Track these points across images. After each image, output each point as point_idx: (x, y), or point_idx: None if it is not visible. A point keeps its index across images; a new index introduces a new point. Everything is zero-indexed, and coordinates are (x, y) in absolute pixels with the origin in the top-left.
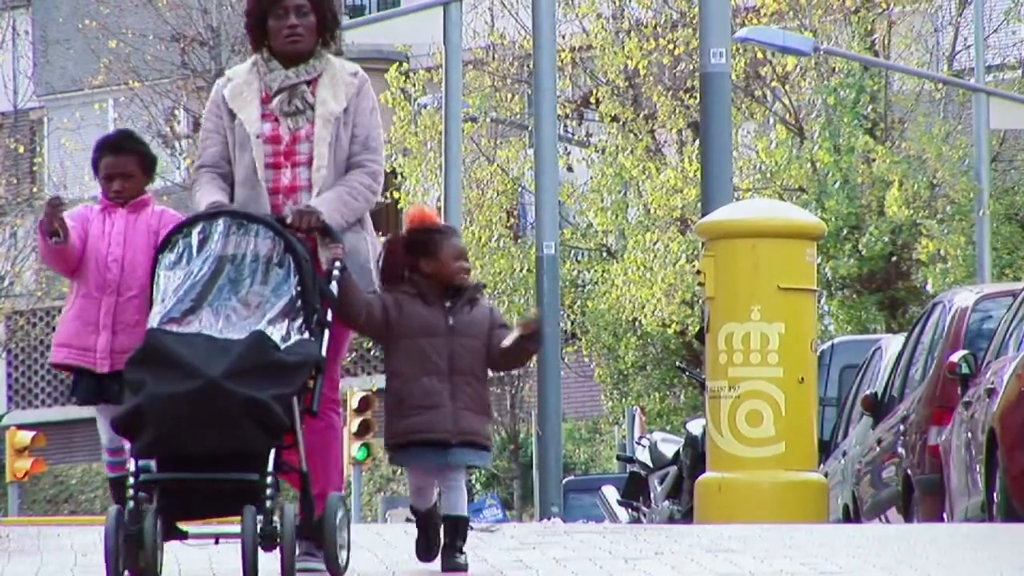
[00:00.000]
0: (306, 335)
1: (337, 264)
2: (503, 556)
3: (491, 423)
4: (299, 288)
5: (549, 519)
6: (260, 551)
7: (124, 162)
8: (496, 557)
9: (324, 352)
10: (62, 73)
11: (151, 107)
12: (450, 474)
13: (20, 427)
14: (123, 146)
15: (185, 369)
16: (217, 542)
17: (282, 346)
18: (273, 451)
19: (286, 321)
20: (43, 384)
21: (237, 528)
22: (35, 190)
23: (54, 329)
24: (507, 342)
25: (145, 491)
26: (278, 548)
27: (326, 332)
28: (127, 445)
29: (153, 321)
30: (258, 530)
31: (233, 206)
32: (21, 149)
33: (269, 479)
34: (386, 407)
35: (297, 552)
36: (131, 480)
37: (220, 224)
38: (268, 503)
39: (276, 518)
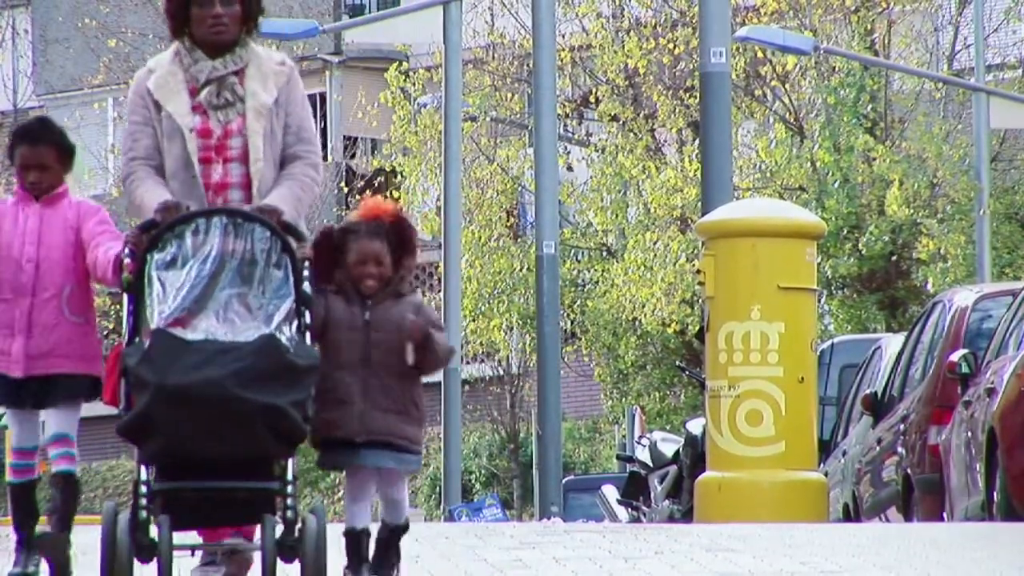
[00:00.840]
0: (304, 338)
1: (307, 265)
2: (503, 555)
3: (417, 425)
4: (295, 291)
5: (549, 518)
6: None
7: (41, 152)
8: (496, 556)
9: None
10: (62, 72)
11: None
12: (363, 478)
13: None
14: (40, 136)
15: (195, 373)
16: (193, 554)
17: (291, 349)
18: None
19: (289, 325)
20: None
21: (230, 540)
22: None
23: None
24: (410, 359)
25: (149, 500)
26: (298, 560)
27: (308, 335)
28: (50, 447)
29: (155, 321)
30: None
31: (238, 204)
32: None
33: (290, 488)
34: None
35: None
36: (142, 489)
37: (217, 223)
38: (290, 513)
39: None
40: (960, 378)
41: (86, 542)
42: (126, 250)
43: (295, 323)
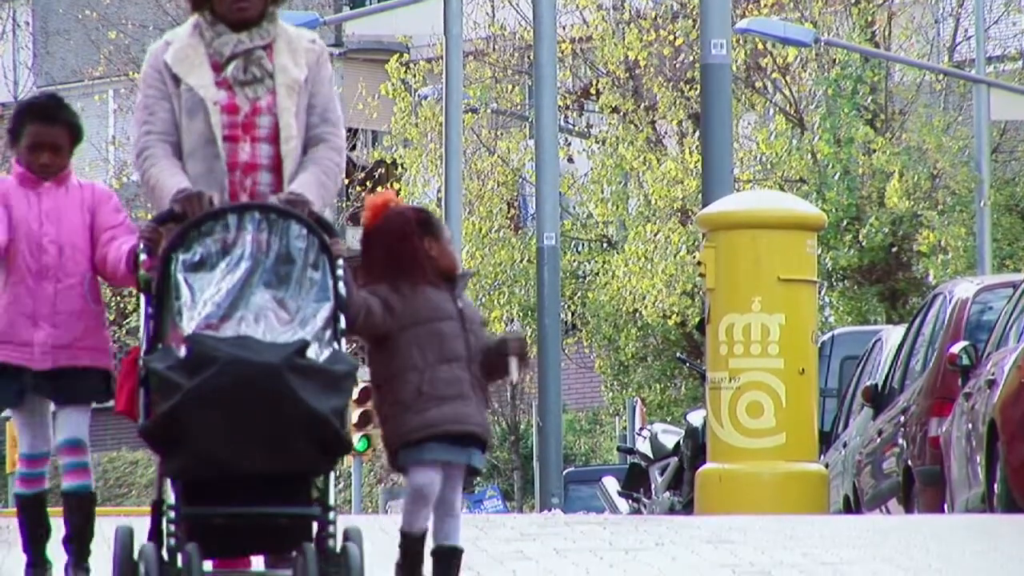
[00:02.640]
0: (340, 344)
1: (340, 263)
2: (504, 547)
3: None
4: (335, 294)
5: (550, 510)
6: None
7: (56, 133)
8: (497, 548)
9: None
10: (62, 64)
11: None
12: (455, 481)
13: None
14: (56, 115)
15: (238, 361)
16: None
17: (324, 355)
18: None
19: (327, 332)
20: None
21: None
22: None
23: None
24: (515, 376)
25: (176, 524)
26: None
27: (343, 342)
28: (60, 454)
29: (189, 327)
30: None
31: (273, 200)
32: None
33: (332, 514)
34: (396, 405)
35: None
36: (170, 514)
37: (249, 220)
38: (331, 542)
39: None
40: (961, 370)
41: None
42: (141, 245)
43: (331, 329)
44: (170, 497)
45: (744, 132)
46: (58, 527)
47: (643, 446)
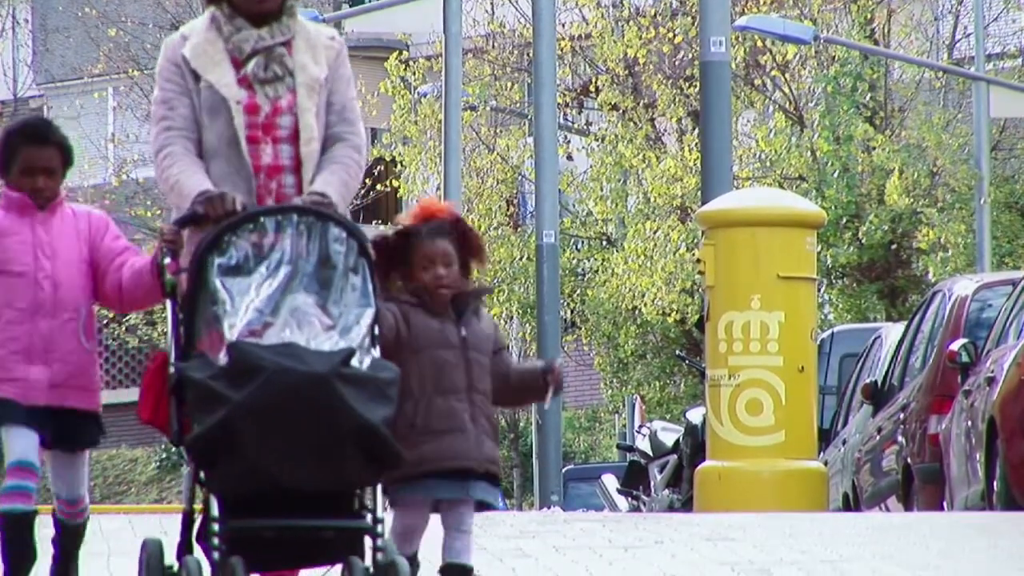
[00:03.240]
0: (377, 352)
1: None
2: (503, 544)
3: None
4: (376, 300)
5: (549, 508)
6: None
7: (49, 155)
8: (496, 545)
9: None
10: (62, 61)
11: (150, 96)
12: (462, 511)
13: None
14: (47, 136)
15: (286, 371)
16: None
17: (366, 363)
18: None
19: (367, 339)
20: None
21: None
22: None
23: None
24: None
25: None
26: None
27: (377, 349)
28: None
29: (231, 334)
30: None
31: (300, 201)
32: None
33: (380, 527)
34: (396, 435)
35: None
36: (214, 527)
37: (288, 223)
38: (380, 556)
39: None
40: (960, 367)
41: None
42: (163, 248)
43: (371, 336)
44: (214, 510)
45: (743, 130)
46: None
47: (642, 444)
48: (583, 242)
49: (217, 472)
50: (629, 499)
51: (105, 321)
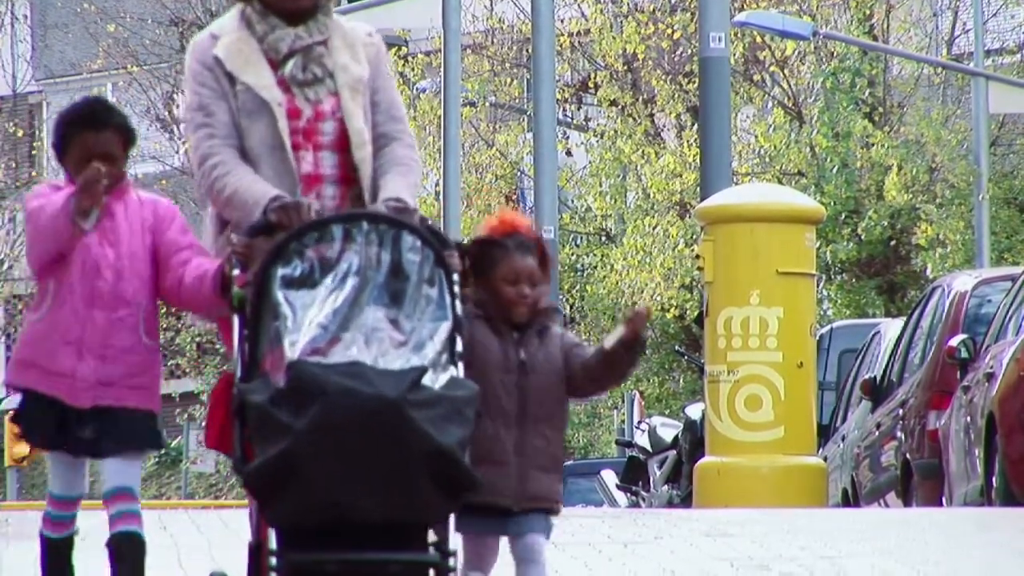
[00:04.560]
0: (458, 368)
1: (456, 278)
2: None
3: (560, 478)
4: (453, 312)
5: None
6: None
7: (108, 140)
8: None
9: None
10: (61, 57)
11: (149, 91)
12: (527, 542)
13: None
14: (106, 120)
15: (351, 395)
16: None
17: (441, 381)
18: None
19: (444, 355)
20: None
21: None
22: (34, 174)
23: None
24: (610, 342)
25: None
26: None
27: (460, 365)
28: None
29: (293, 352)
30: None
31: (377, 208)
32: (20, 133)
33: (452, 560)
34: None
35: None
36: (273, 560)
37: (358, 231)
38: None
39: None
40: (959, 363)
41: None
42: (233, 259)
43: (449, 351)
44: (273, 543)
45: (742, 125)
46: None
47: (641, 439)
48: (582, 238)
49: (278, 504)
50: (628, 495)
51: None
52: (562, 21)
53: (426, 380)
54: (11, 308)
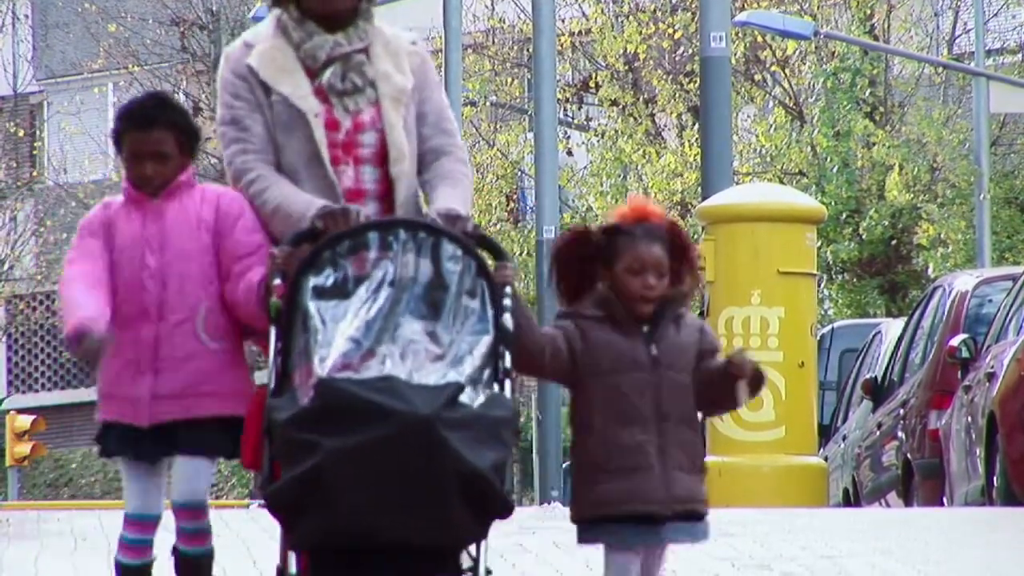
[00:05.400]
0: (502, 388)
1: (508, 291)
2: (503, 540)
3: (704, 480)
4: (497, 326)
5: (549, 503)
6: None
7: (157, 139)
8: (495, 541)
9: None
10: (62, 57)
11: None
12: (658, 558)
13: (20, 411)
14: (155, 118)
15: (381, 410)
16: None
17: (480, 399)
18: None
19: (485, 371)
20: (43, 368)
21: None
22: (35, 174)
23: (54, 313)
24: (742, 400)
25: None
26: None
27: (508, 383)
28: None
29: (322, 368)
30: None
31: (406, 215)
32: (21, 133)
33: None
34: (575, 468)
35: None
36: None
37: (394, 239)
38: None
39: None
40: (960, 363)
41: (86, 526)
42: (275, 270)
43: (489, 368)
44: (293, 567)
45: (743, 125)
46: None
47: None
48: None
49: (302, 525)
50: None
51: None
52: (563, 21)
53: (464, 398)
54: (12, 308)
